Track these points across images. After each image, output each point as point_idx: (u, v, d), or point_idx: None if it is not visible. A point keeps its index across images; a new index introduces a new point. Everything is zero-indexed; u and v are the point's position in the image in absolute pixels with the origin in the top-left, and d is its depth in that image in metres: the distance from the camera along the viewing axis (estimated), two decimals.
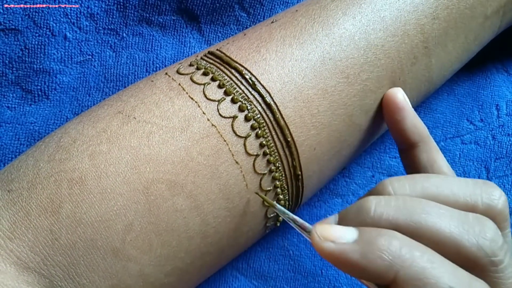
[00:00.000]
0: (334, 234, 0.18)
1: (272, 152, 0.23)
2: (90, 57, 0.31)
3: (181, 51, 0.33)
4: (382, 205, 0.19)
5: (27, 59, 0.30)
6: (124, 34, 0.32)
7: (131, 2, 0.31)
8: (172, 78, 0.23)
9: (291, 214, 0.21)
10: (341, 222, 0.20)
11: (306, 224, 0.20)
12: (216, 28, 0.33)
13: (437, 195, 0.20)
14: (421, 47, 0.27)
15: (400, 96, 0.25)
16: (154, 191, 0.20)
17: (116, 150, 0.20)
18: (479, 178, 0.36)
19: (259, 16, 0.33)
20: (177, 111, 0.22)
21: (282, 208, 0.22)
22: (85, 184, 0.20)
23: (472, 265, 0.18)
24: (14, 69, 0.30)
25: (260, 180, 0.23)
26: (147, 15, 0.32)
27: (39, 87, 0.30)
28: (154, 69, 0.32)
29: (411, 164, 0.25)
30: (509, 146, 0.36)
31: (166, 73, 0.24)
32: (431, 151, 0.25)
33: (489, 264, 0.18)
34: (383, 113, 0.26)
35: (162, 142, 0.21)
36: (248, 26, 0.33)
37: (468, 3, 0.28)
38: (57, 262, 0.19)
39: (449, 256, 0.18)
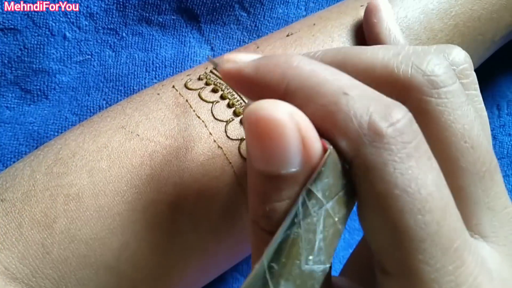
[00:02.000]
0: (237, 56, 0.16)
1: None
2: (90, 56, 0.31)
3: (181, 51, 0.32)
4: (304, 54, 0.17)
5: (26, 58, 0.30)
6: (124, 34, 0.31)
7: (130, 2, 0.31)
8: (180, 93, 0.22)
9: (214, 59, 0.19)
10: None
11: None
12: (216, 28, 0.33)
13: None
14: None
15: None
16: (153, 211, 0.20)
17: (116, 168, 0.20)
18: None
19: (259, 16, 0.33)
20: (183, 130, 0.21)
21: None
22: (81, 201, 0.19)
23: (405, 88, 0.15)
24: (13, 69, 0.29)
25: None
26: (147, 14, 0.32)
27: (38, 87, 0.30)
28: (154, 68, 0.32)
29: None
30: (510, 146, 0.36)
31: (173, 86, 0.23)
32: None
33: (428, 83, 0.15)
34: (363, 20, 0.25)
35: (165, 163, 0.20)
36: (248, 25, 0.33)
37: (482, 30, 0.28)
38: (47, 275, 0.18)
39: (379, 85, 0.15)
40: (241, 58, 0.16)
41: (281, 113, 0.12)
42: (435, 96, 0.15)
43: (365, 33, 0.25)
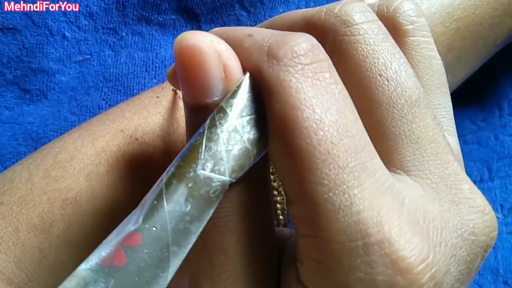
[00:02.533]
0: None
1: (277, 178, 0.22)
2: (89, 56, 0.31)
3: None
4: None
5: (25, 58, 0.29)
6: (124, 33, 0.31)
7: (130, 1, 0.31)
8: (179, 97, 0.22)
9: None
10: None
11: None
12: (216, 27, 0.33)
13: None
14: None
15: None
16: None
17: (114, 173, 0.20)
18: (481, 178, 0.35)
19: (259, 15, 0.33)
20: (182, 135, 0.21)
21: None
22: (79, 206, 0.19)
23: (321, 33, 0.15)
24: (12, 68, 0.29)
25: None
26: (147, 14, 0.31)
27: (37, 87, 0.30)
28: (154, 68, 0.32)
29: None
30: (511, 146, 0.36)
31: (173, 89, 0.23)
32: None
33: (340, 23, 0.15)
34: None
35: (164, 168, 0.20)
36: (248, 25, 0.33)
37: (483, 34, 0.28)
38: (44, 280, 0.18)
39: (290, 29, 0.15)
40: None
41: (201, 40, 0.13)
42: (348, 34, 0.15)
43: None
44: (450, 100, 0.18)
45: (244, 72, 0.14)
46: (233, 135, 0.13)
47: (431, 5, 0.27)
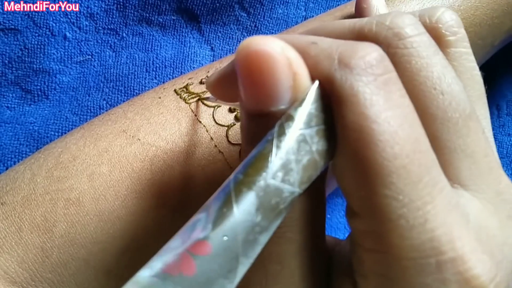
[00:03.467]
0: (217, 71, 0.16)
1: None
2: (90, 57, 0.31)
3: (181, 51, 0.32)
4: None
5: (26, 59, 0.30)
6: (124, 34, 0.32)
7: (131, 2, 0.31)
8: (181, 97, 0.22)
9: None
10: None
11: (228, 103, 0.19)
12: (216, 28, 0.33)
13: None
14: None
15: None
16: (154, 216, 0.20)
17: (117, 173, 0.20)
18: None
19: (259, 16, 0.33)
20: (184, 135, 0.21)
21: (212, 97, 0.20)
22: (82, 205, 0.19)
23: (374, 41, 0.15)
24: (13, 69, 0.30)
25: None
26: (147, 15, 0.32)
27: (38, 87, 0.30)
28: (154, 69, 0.32)
29: None
30: (509, 146, 0.36)
31: (175, 90, 0.23)
32: None
33: (392, 36, 0.15)
34: (355, 7, 0.25)
35: (166, 168, 0.20)
36: (248, 25, 0.33)
37: (482, 35, 0.28)
38: (46, 279, 0.18)
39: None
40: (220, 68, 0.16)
41: (272, 47, 0.12)
42: (401, 47, 0.15)
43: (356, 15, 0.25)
44: (488, 111, 0.18)
45: (312, 81, 0.13)
46: (303, 146, 0.12)
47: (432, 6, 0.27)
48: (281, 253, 0.14)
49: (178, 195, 0.20)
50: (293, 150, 0.12)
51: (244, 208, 0.12)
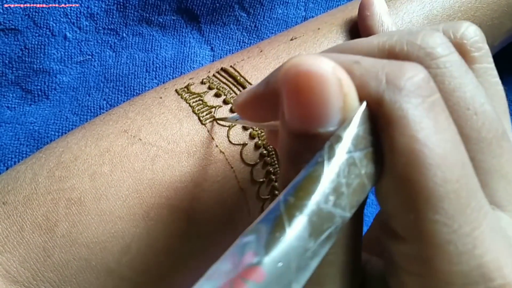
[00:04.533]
0: (245, 90, 0.16)
1: (277, 171, 0.23)
2: (90, 57, 0.31)
3: (181, 51, 0.33)
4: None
5: (27, 59, 0.30)
6: (124, 34, 0.32)
7: (131, 2, 0.31)
8: (182, 97, 0.22)
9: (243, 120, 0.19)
10: None
11: (249, 122, 0.19)
12: (216, 28, 0.33)
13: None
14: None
15: None
16: (154, 216, 0.20)
17: (118, 172, 0.20)
18: None
19: (259, 16, 0.33)
20: (185, 135, 0.21)
21: (235, 115, 0.20)
22: (83, 205, 0.19)
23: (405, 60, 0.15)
24: (14, 69, 0.30)
25: (262, 205, 0.23)
26: (147, 15, 0.32)
27: (39, 87, 0.30)
28: (154, 69, 0.32)
29: None
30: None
31: (176, 90, 0.23)
32: None
33: (425, 56, 0.15)
34: (358, 15, 0.25)
35: (167, 167, 0.20)
36: (248, 26, 0.33)
37: None
38: (48, 279, 0.18)
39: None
40: (248, 88, 0.16)
41: (324, 67, 0.12)
42: (434, 67, 0.14)
43: (359, 26, 0.25)
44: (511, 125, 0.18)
45: (359, 101, 0.13)
46: (352, 169, 0.12)
47: (433, 7, 0.27)
48: (322, 275, 0.14)
49: (179, 195, 0.20)
50: (343, 173, 0.12)
51: (297, 233, 0.11)
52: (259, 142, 0.22)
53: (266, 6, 0.33)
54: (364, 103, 0.13)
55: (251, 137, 0.22)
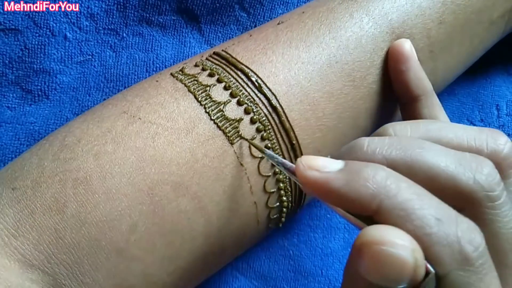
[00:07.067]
0: (318, 163, 0.17)
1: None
2: (90, 57, 0.31)
3: (181, 51, 0.33)
4: (375, 142, 0.18)
5: (27, 59, 0.30)
6: (124, 34, 0.32)
7: (131, 2, 0.31)
8: (177, 79, 0.23)
9: (280, 158, 0.20)
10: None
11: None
12: (216, 28, 0.33)
13: (440, 138, 0.19)
14: (426, 51, 0.27)
15: (407, 46, 0.25)
16: (159, 192, 0.20)
17: (121, 150, 0.20)
18: None
19: (259, 16, 0.33)
20: (183, 113, 0.22)
21: (271, 153, 0.21)
22: (90, 184, 0.19)
23: (467, 200, 0.17)
24: (14, 69, 0.30)
25: (264, 182, 0.23)
26: (147, 15, 0.32)
27: (39, 87, 0.30)
28: (154, 69, 0.32)
29: (412, 119, 0.25)
30: None
31: (171, 73, 0.24)
32: (433, 107, 0.24)
33: (486, 199, 0.17)
34: (388, 64, 0.25)
35: (167, 144, 0.21)
36: (248, 26, 0.33)
37: (474, 8, 0.28)
38: (61, 261, 0.19)
39: (443, 192, 0.17)
40: (326, 166, 0.17)
41: (405, 251, 0.14)
42: (491, 208, 0.17)
43: (391, 76, 0.25)
44: None
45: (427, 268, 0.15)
46: None
47: None
48: None
49: (180, 171, 0.21)
50: None
51: None
52: (255, 117, 0.22)
53: (266, 6, 0.33)
54: (432, 273, 0.15)
55: (246, 112, 0.22)
